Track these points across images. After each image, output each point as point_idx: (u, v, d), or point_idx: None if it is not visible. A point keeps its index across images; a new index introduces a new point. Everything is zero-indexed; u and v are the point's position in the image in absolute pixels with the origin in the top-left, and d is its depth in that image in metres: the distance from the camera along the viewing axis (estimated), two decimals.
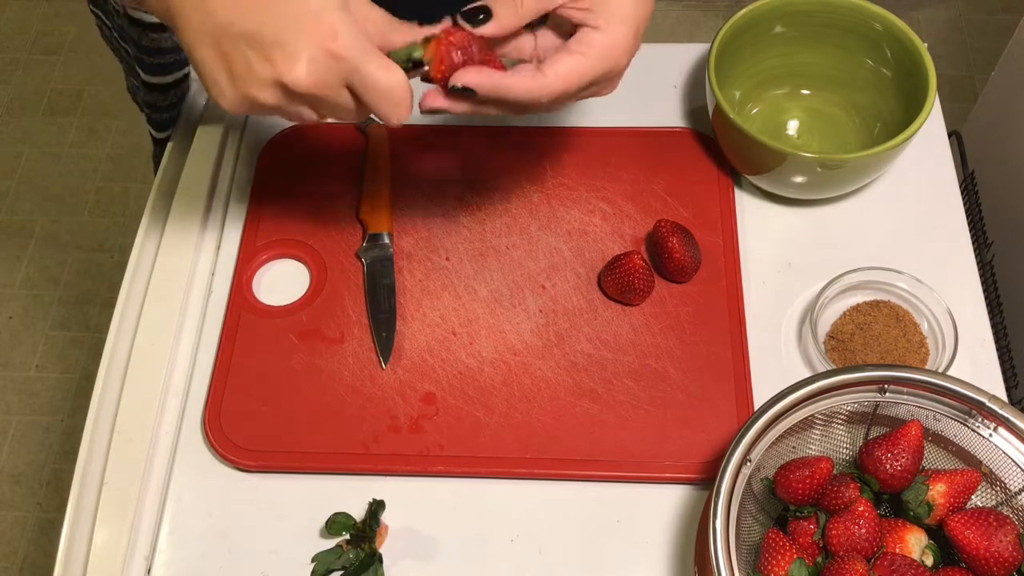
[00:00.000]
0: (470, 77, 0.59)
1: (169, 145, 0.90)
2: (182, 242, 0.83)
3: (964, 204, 0.86)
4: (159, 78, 0.89)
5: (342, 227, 0.84)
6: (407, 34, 0.59)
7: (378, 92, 0.56)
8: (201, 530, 0.71)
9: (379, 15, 0.58)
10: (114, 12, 0.88)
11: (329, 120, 0.59)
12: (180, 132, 0.90)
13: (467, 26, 0.60)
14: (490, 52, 0.61)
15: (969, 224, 0.85)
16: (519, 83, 0.59)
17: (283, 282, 0.82)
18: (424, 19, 0.62)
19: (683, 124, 0.90)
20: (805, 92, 0.90)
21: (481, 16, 0.60)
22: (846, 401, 0.66)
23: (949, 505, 0.63)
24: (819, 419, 0.67)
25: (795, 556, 0.61)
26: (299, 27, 0.52)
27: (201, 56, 0.55)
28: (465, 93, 0.60)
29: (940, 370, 0.74)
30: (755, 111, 0.90)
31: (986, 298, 0.81)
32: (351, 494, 0.72)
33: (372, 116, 0.60)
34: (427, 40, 0.60)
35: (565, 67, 0.60)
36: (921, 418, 0.66)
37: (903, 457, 0.63)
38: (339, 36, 0.53)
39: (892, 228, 0.84)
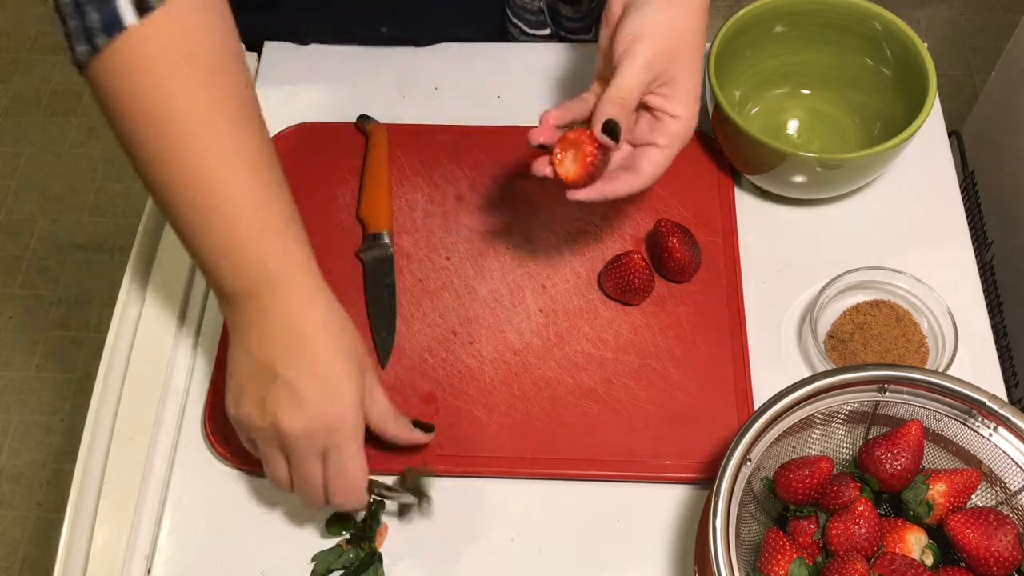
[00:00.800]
0: (585, 194, 0.70)
1: None
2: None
3: (964, 204, 0.86)
4: None
5: (342, 227, 0.84)
6: (402, 428, 0.68)
7: (343, 475, 0.63)
8: (201, 530, 0.71)
9: (385, 407, 0.66)
10: None
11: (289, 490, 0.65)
12: None
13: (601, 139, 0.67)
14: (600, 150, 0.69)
15: (969, 224, 0.85)
16: (622, 189, 0.70)
17: None
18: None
19: None
20: (805, 92, 0.90)
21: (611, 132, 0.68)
22: (846, 401, 0.66)
23: (949, 504, 0.63)
24: (819, 419, 0.67)
25: (795, 556, 0.61)
26: (321, 396, 0.60)
27: (235, 381, 0.63)
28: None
29: (940, 370, 0.74)
30: (755, 111, 0.90)
31: (986, 298, 0.81)
32: None
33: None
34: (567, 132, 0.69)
35: (655, 163, 0.70)
36: (921, 418, 0.66)
37: (903, 457, 0.63)
38: (343, 425, 0.61)
39: (892, 228, 0.84)
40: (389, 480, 0.69)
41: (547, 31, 0.95)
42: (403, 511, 0.71)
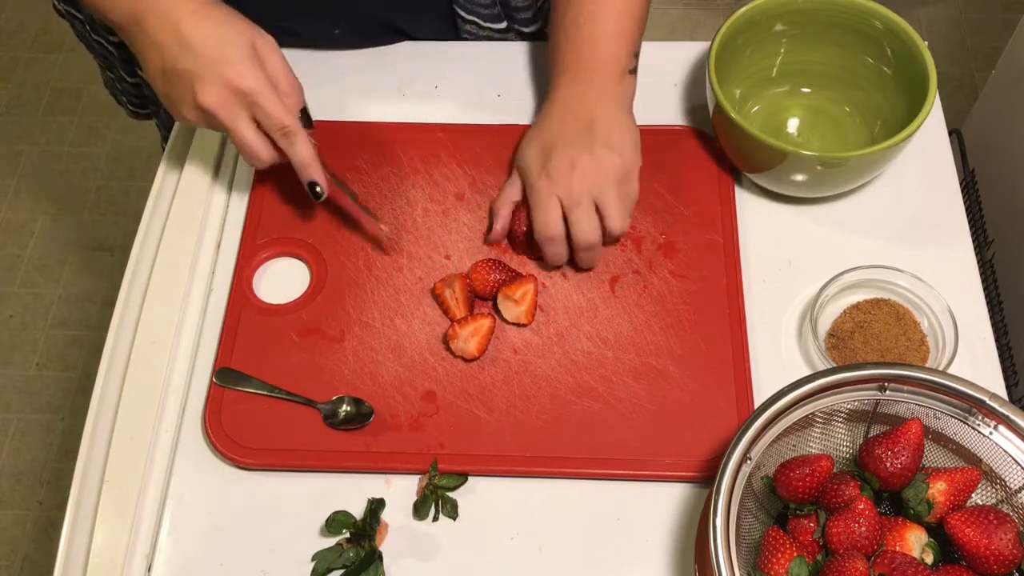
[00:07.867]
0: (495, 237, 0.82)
1: (168, 145, 0.90)
2: (182, 240, 0.83)
3: (964, 202, 0.86)
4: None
5: (342, 225, 0.84)
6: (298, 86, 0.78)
7: (272, 117, 0.75)
8: (201, 528, 0.71)
9: (282, 63, 0.77)
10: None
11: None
12: (180, 131, 0.90)
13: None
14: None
15: (969, 222, 0.85)
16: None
17: (283, 280, 0.82)
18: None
19: (683, 122, 0.90)
20: (805, 90, 0.90)
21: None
22: (846, 399, 0.66)
23: (949, 503, 0.63)
24: (819, 417, 0.67)
25: (795, 554, 0.61)
26: (215, 69, 0.73)
27: (157, 86, 0.76)
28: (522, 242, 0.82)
29: (940, 368, 0.74)
30: (755, 109, 0.90)
31: (986, 296, 0.81)
32: (351, 493, 0.72)
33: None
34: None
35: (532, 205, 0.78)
36: (921, 416, 0.66)
37: (903, 455, 0.63)
38: (243, 77, 0.73)
39: (892, 226, 0.84)
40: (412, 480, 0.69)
41: (503, 24, 0.95)
42: (419, 510, 0.71)
